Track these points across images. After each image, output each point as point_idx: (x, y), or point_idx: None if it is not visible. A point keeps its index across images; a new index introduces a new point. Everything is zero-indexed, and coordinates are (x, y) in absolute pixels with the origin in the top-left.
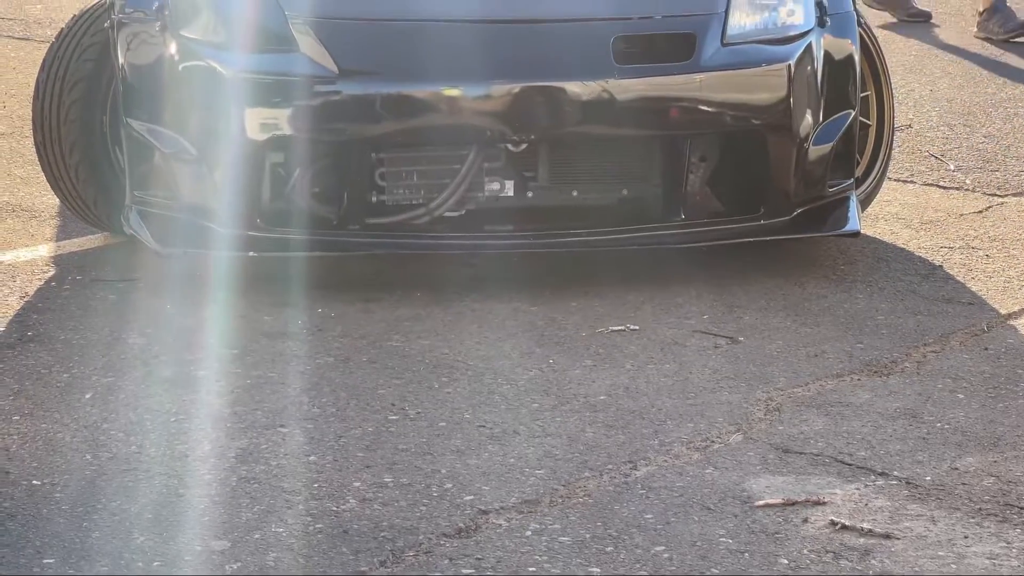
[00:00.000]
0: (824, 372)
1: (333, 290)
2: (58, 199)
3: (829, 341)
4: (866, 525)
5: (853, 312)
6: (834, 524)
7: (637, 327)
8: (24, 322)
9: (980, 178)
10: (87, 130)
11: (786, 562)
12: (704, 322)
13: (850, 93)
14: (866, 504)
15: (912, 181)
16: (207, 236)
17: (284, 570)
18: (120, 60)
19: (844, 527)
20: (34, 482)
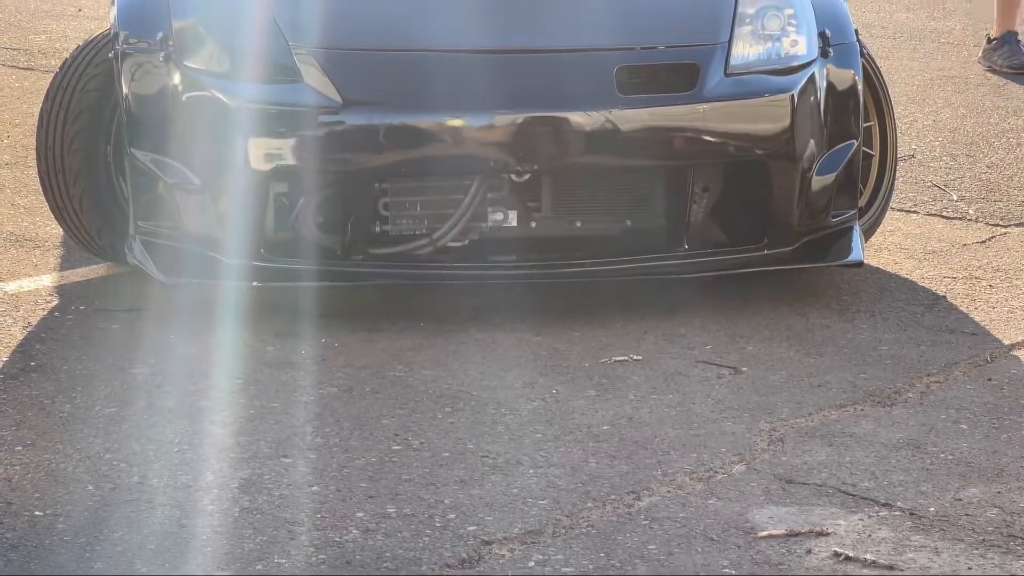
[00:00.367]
0: (827, 402)
1: (337, 320)
2: (62, 229)
3: (832, 371)
4: (869, 556)
5: (856, 342)
6: (837, 555)
7: (640, 357)
8: (27, 352)
9: (983, 208)
10: (91, 160)
11: None
12: (707, 352)
13: (853, 123)
14: (869, 535)
15: (915, 211)
16: (211, 266)
17: None
18: (124, 90)
19: (847, 558)
20: (36, 513)
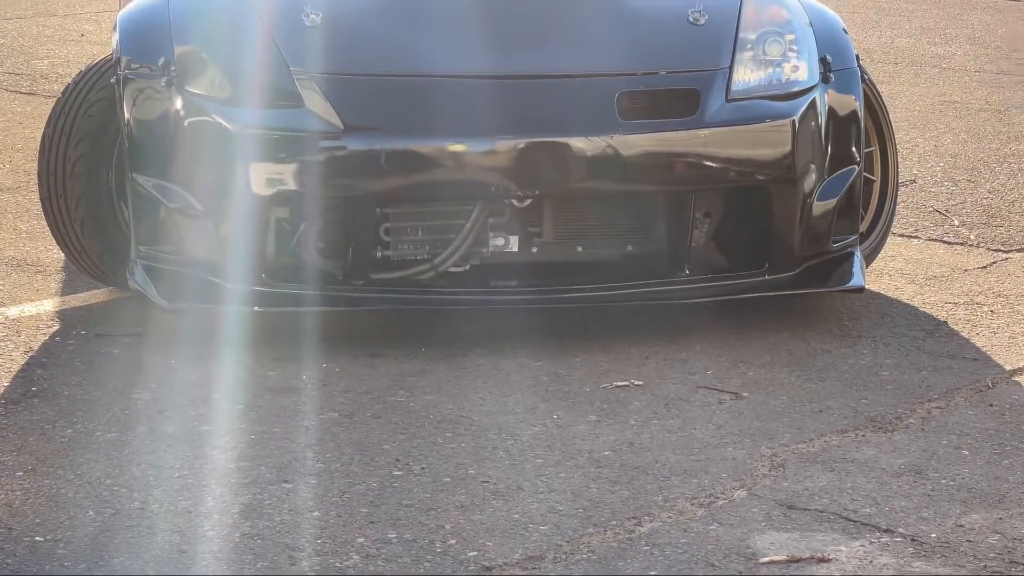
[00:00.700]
0: (829, 428)
1: (338, 345)
2: (63, 253)
3: (834, 397)
4: None
5: (858, 368)
6: None
7: (641, 382)
8: (28, 377)
9: (984, 234)
10: (93, 185)
11: None
12: (708, 377)
13: (854, 149)
14: (871, 561)
15: (916, 236)
16: (212, 291)
17: None
18: (126, 115)
19: None
20: (37, 539)
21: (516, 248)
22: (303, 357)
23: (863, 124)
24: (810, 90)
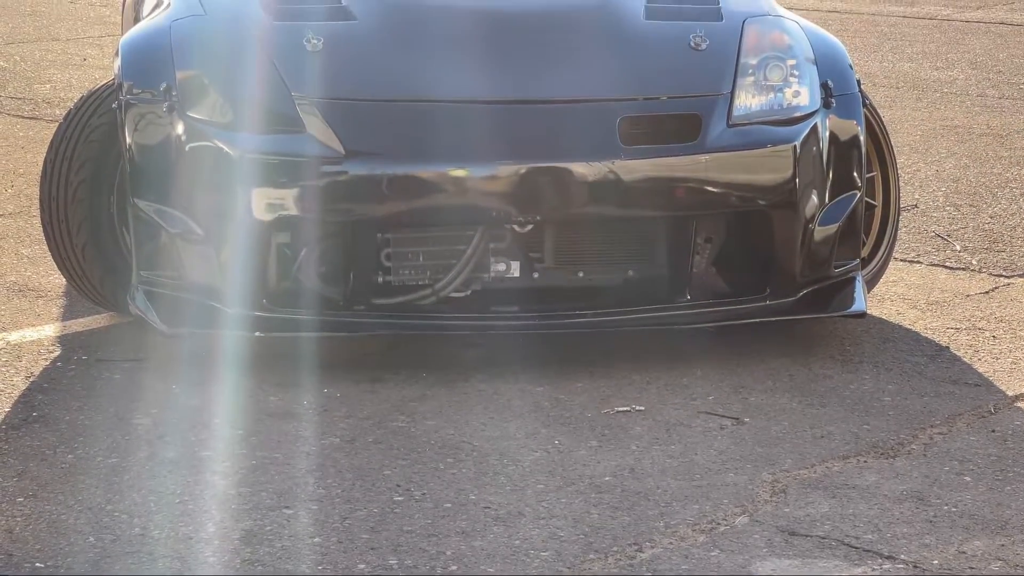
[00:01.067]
0: (830, 454)
1: (339, 370)
2: (65, 279)
3: (835, 422)
4: None
5: (859, 393)
6: None
7: (643, 408)
8: (29, 402)
9: (986, 259)
10: (94, 210)
11: None
12: (710, 403)
13: (855, 174)
14: None
15: (918, 261)
16: (213, 316)
17: None
18: (127, 140)
19: None
20: (37, 564)
21: (517, 273)
22: (304, 382)
23: (864, 149)
24: (811, 115)
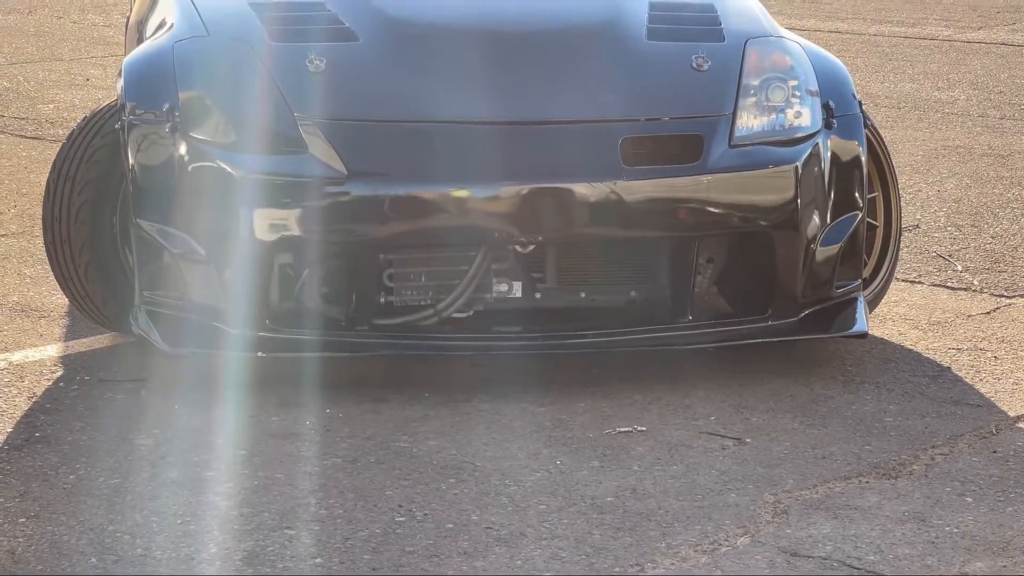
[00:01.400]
0: (832, 474)
1: (341, 390)
2: (67, 299)
3: (837, 443)
4: None
5: (861, 414)
6: None
7: (644, 428)
8: (31, 422)
9: (988, 279)
10: (97, 230)
11: None
12: (711, 423)
13: (857, 194)
14: None
15: (920, 282)
16: (216, 336)
17: None
18: (130, 161)
19: None
20: None
21: (519, 294)
22: (306, 403)
23: (866, 169)
24: (813, 136)
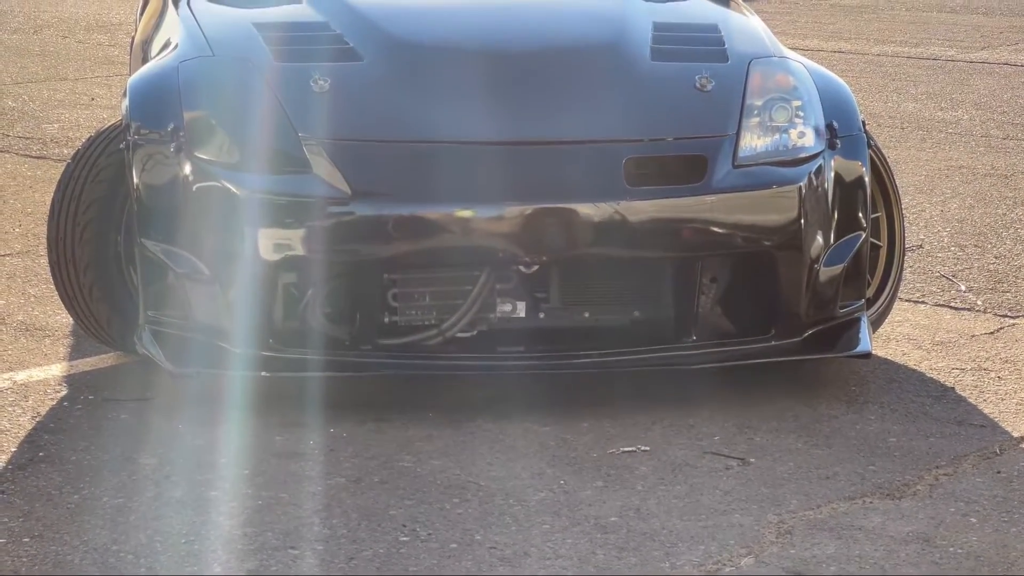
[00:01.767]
0: (836, 494)
1: (345, 410)
2: (72, 318)
3: (841, 463)
4: None
5: (865, 434)
6: None
7: (648, 448)
8: (35, 442)
9: (992, 299)
10: (101, 250)
11: None
12: (715, 443)
13: (860, 215)
14: None
15: (923, 302)
16: (220, 356)
17: None
18: (135, 181)
19: None
20: None
21: (523, 314)
22: (310, 422)
23: (869, 190)
24: (817, 156)
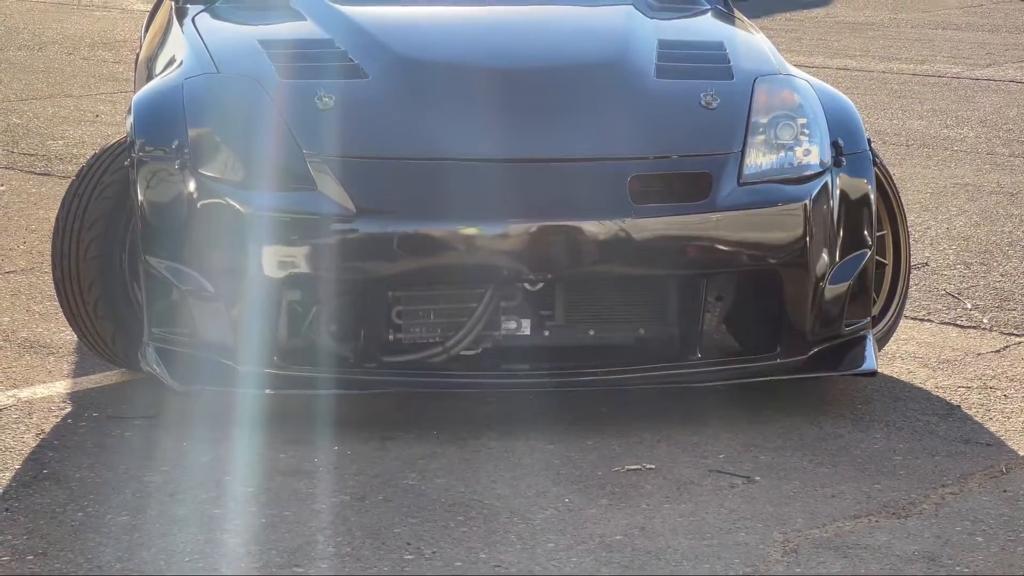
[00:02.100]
0: (841, 513)
1: (349, 427)
2: (76, 335)
3: (846, 481)
4: None
5: (870, 452)
6: None
7: (653, 466)
8: (40, 459)
9: (997, 317)
10: (106, 267)
11: None
12: (720, 461)
13: (866, 232)
14: None
15: (929, 320)
16: (224, 373)
17: None
18: (139, 198)
19: None
20: None
21: (528, 331)
22: (315, 440)
23: (875, 207)
24: (822, 174)
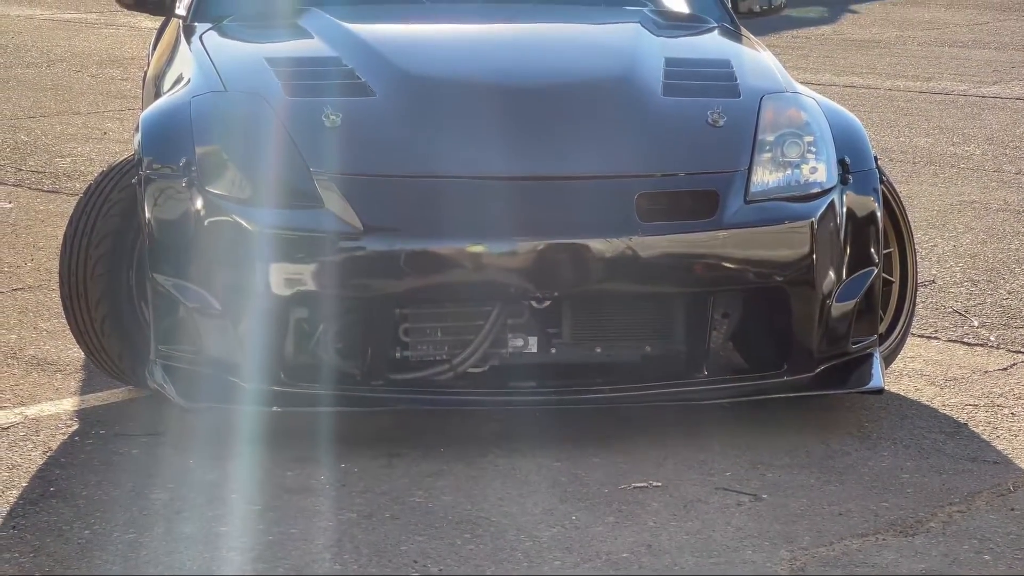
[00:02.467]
0: (849, 531)
1: (356, 445)
2: (83, 352)
3: (854, 499)
4: None
5: (878, 470)
6: None
7: (660, 483)
8: (46, 477)
9: (1005, 335)
10: (113, 284)
11: None
12: (727, 479)
13: (873, 250)
14: None
15: (936, 337)
16: (231, 391)
17: None
18: (147, 215)
19: None
20: None
21: (535, 349)
22: (321, 458)
23: (882, 225)
24: (829, 191)
